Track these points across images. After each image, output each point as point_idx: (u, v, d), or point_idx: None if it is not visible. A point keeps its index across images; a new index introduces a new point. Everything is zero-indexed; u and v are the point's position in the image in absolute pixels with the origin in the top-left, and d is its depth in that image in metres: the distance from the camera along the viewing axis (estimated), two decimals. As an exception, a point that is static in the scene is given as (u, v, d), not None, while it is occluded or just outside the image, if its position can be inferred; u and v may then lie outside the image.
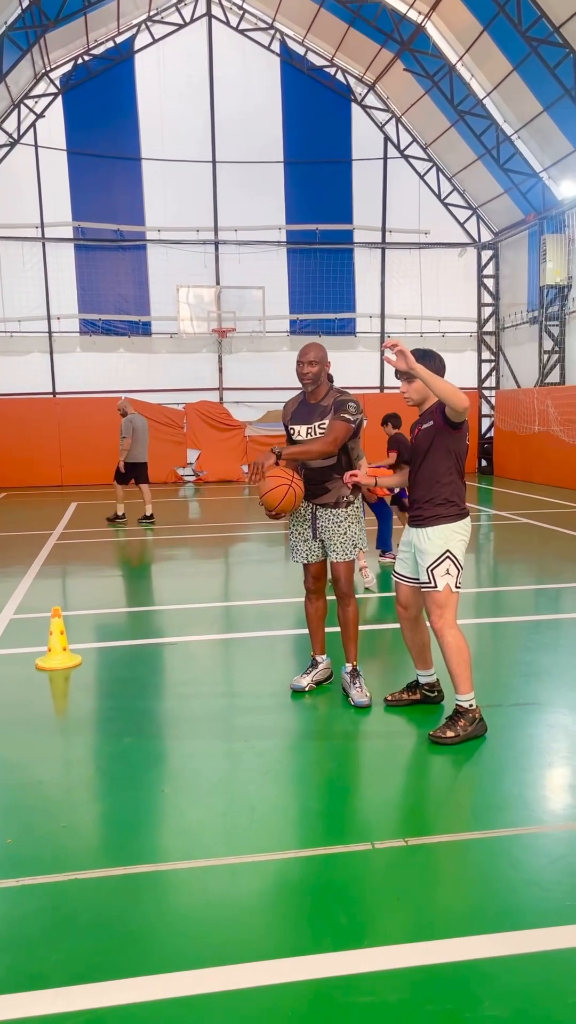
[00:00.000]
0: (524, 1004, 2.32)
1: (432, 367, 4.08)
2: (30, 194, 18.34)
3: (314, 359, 4.57)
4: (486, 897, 2.84)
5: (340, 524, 4.68)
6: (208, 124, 18.95)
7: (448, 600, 4.10)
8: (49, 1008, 2.34)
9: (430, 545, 4.11)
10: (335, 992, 2.38)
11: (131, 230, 18.86)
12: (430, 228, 19.88)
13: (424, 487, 4.18)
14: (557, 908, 2.75)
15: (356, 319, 19.94)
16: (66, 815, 3.51)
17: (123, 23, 18.17)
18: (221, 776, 3.86)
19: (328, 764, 3.97)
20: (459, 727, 4.09)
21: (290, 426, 4.76)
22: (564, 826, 3.31)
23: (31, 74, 17.68)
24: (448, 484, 4.14)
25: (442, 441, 4.11)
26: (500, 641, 6.16)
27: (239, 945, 2.60)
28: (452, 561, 4.10)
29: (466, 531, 4.18)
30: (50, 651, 5.56)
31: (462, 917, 2.75)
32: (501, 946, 2.56)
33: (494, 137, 17.03)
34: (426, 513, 4.16)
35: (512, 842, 3.19)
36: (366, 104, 19.46)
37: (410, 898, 2.87)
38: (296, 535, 4.84)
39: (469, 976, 2.45)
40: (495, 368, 20.65)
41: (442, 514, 4.12)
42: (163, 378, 19.24)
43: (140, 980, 2.44)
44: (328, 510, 4.70)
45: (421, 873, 3.03)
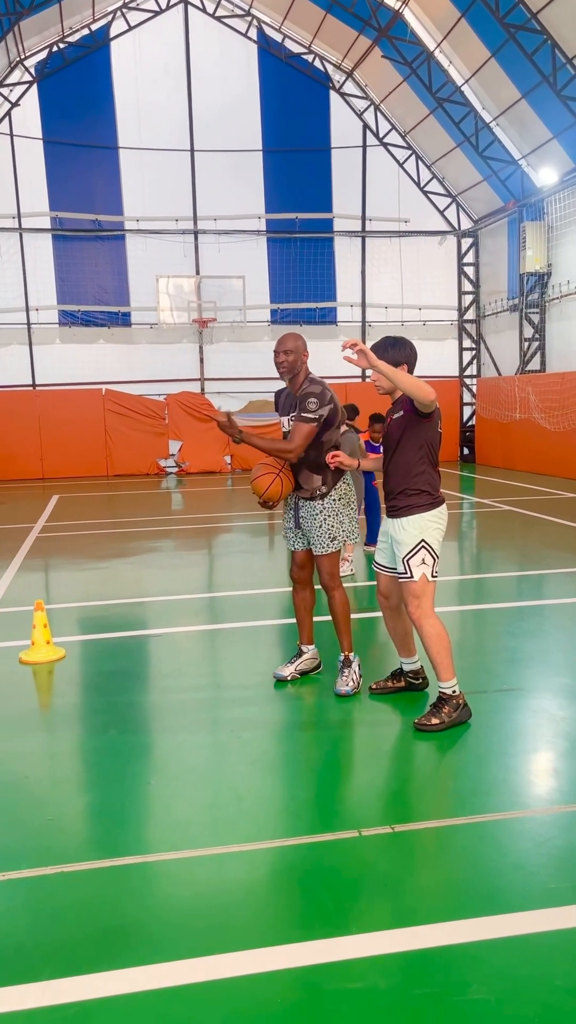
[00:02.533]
0: (511, 987, 2.33)
1: (397, 355, 4.11)
2: (6, 184, 18.15)
3: (290, 348, 4.52)
4: (472, 881, 2.86)
5: (316, 517, 4.64)
6: (186, 112, 18.81)
7: (424, 590, 4.10)
8: (38, 1001, 2.33)
9: (405, 535, 4.11)
10: (323, 979, 2.39)
11: (109, 220, 18.71)
12: (410, 216, 19.86)
13: (397, 477, 4.18)
14: (543, 891, 2.77)
15: (337, 308, 19.91)
16: (52, 808, 3.50)
17: (98, 10, 17.97)
18: (207, 767, 3.86)
19: (314, 753, 3.98)
20: (443, 714, 4.09)
21: (280, 418, 4.78)
22: (549, 810, 3.34)
23: (5, 62, 17.46)
24: (420, 474, 4.14)
25: (412, 430, 4.12)
26: (484, 628, 6.19)
27: (227, 934, 2.60)
28: (427, 550, 4.09)
29: (441, 520, 4.19)
30: (33, 644, 5.54)
31: (449, 902, 2.77)
32: (488, 930, 2.58)
33: (473, 124, 17.02)
34: (400, 503, 4.16)
35: (498, 827, 3.21)
36: (344, 92, 19.38)
37: (397, 884, 2.88)
38: (285, 523, 4.90)
39: (456, 960, 2.46)
40: (476, 356, 20.70)
41: (416, 504, 4.12)
42: (144, 369, 19.14)
43: (128, 971, 2.44)
44: (306, 502, 4.68)
45: (408, 859, 3.05)
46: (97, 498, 15.31)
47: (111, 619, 6.61)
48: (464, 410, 20.57)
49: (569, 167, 15.73)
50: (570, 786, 3.55)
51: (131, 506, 14.06)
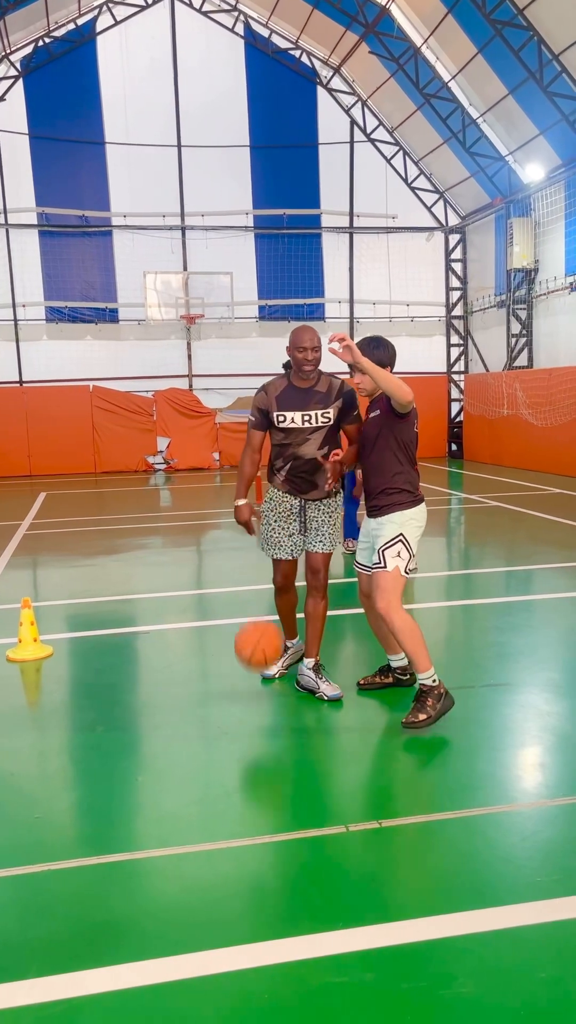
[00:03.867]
0: (497, 980, 2.35)
1: (383, 356, 4.11)
2: (-8, 179, 18.04)
3: (318, 345, 4.37)
4: (459, 875, 2.87)
5: (331, 514, 4.57)
6: (172, 108, 18.74)
7: (395, 584, 4.07)
8: (26, 998, 2.33)
9: (385, 529, 4.13)
10: (312, 974, 2.40)
11: (96, 216, 18.63)
12: (397, 212, 19.86)
13: (376, 477, 4.18)
14: (529, 884, 2.79)
15: (325, 304, 19.90)
16: (40, 806, 3.49)
17: (84, 4, 17.87)
18: (195, 763, 3.86)
19: (301, 749, 3.99)
20: (428, 707, 4.05)
21: (278, 413, 4.43)
22: (535, 803, 3.36)
23: (-9, 56, 17.34)
24: (399, 473, 4.14)
25: (389, 430, 4.11)
26: (472, 623, 6.21)
27: (216, 930, 2.61)
28: (404, 545, 4.10)
29: (421, 517, 4.20)
30: (21, 642, 5.52)
31: (436, 896, 2.79)
32: (474, 923, 2.59)
33: (460, 120, 17.04)
34: (381, 502, 4.17)
35: (485, 821, 3.23)
36: (332, 87, 19.35)
37: (384, 879, 2.90)
38: (279, 530, 4.60)
39: (443, 954, 2.48)
40: (464, 352, 20.74)
41: (397, 502, 4.14)
42: (131, 365, 19.08)
43: (117, 968, 2.44)
44: (319, 502, 4.56)
45: (395, 854, 3.06)
46: (85, 495, 15.27)
47: (99, 616, 6.60)
48: (452, 406, 20.61)
49: (556, 163, 15.77)
50: (557, 780, 3.58)
51: (119, 503, 14.03)
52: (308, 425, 4.42)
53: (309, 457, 4.45)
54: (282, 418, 4.43)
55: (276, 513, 4.60)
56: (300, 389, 4.43)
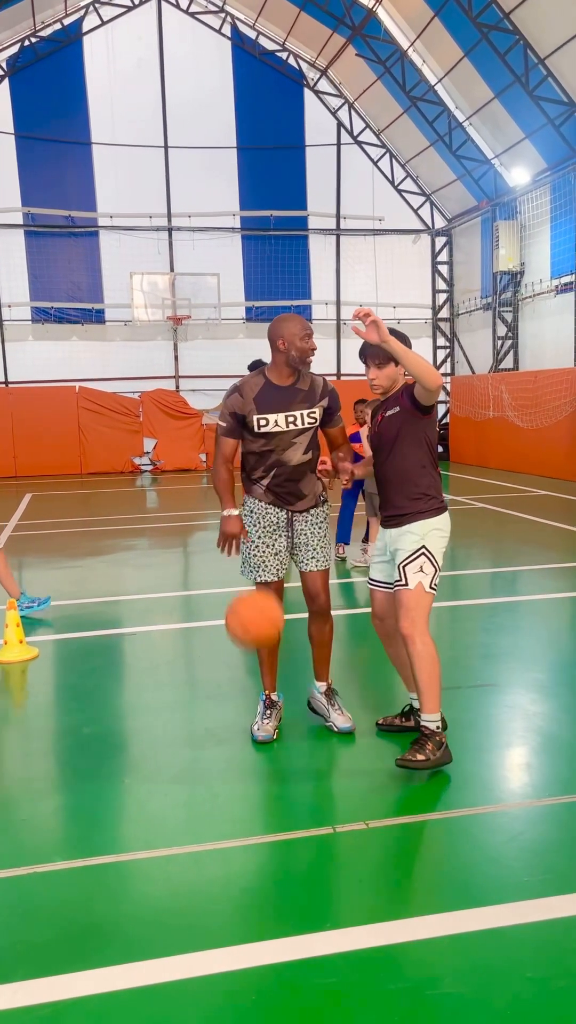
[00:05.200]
0: (485, 979, 2.35)
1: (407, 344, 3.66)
2: (-23, 179, 17.95)
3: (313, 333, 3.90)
4: (447, 876, 2.88)
5: (320, 526, 4.04)
6: (159, 108, 18.71)
7: (419, 602, 3.64)
8: (10, 1002, 2.31)
9: (405, 542, 3.68)
10: (299, 975, 2.40)
11: (82, 216, 18.57)
12: (384, 215, 19.91)
13: (396, 483, 3.72)
14: (516, 884, 2.79)
15: (312, 306, 19.91)
16: (25, 808, 3.47)
17: (70, 4, 17.82)
18: (182, 765, 3.85)
19: (288, 750, 3.98)
20: (428, 750, 3.56)
21: (259, 416, 3.85)
22: (522, 804, 3.37)
23: (-24, 56, 17.26)
24: (422, 476, 3.70)
25: (411, 428, 3.66)
26: (458, 624, 6.23)
27: (202, 932, 2.60)
28: (428, 558, 3.66)
29: (446, 526, 3.78)
30: (6, 644, 5.49)
31: (423, 896, 2.79)
32: (461, 923, 2.60)
33: (446, 123, 17.10)
34: (401, 511, 3.71)
35: (471, 821, 3.23)
36: (319, 89, 19.38)
37: (372, 880, 2.90)
38: (263, 547, 4.00)
39: (430, 954, 2.48)
40: (450, 354, 20.81)
41: (420, 509, 3.68)
42: (118, 366, 19.03)
43: (103, 971, 2.42)
44: (306, 513, 4.02)
45: (382, 855, 3.06)
46: (71, 496, 15.21)
47: (85, 618, 6.57)
48: (439, 408, 20.64)
49: (541, 167, 15.86)
50: (543, 780, 3.59)
51: (105, 504, 13.98)
52: (293, 428, 3.87)
53: (295, 464, 3.91)
54: (264, 421, 3.85)
55: (260, 528, 3.99)
56: (281, 388, 3.88)
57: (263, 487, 3.96)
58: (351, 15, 16.29)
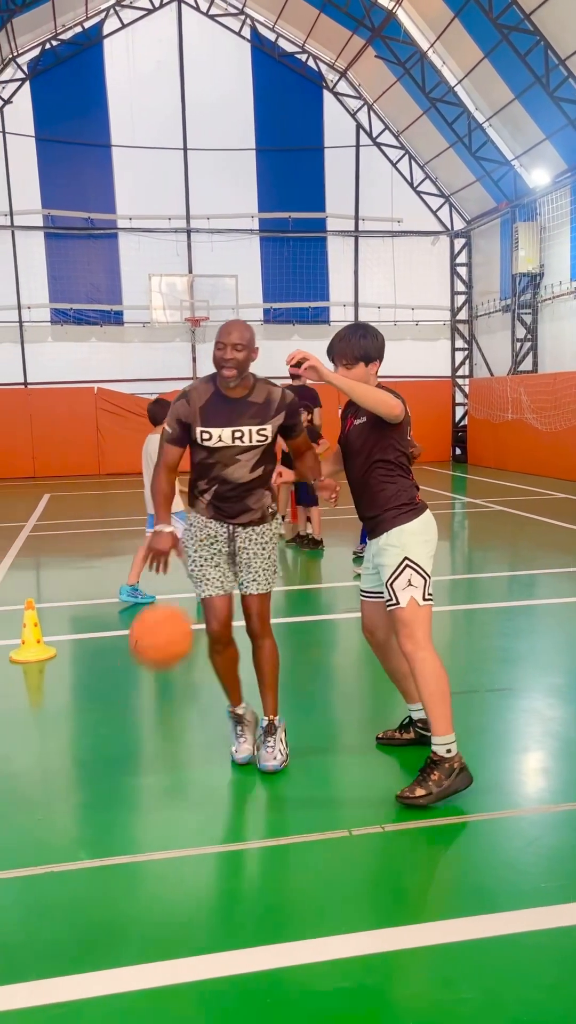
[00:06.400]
0: (499, 986, 2.33)
1: (369, 347, 3.47)
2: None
3: (239, 341, 3.44)
4: (463, 881, 2.86)
5: (265, 545, 3.70)
6: (179, 111, 18.77)
7: (415, 617, 3.40)
8: (25, 1001, 2.32)
9: (386, 556, 3.46)
10: (314, 978, 2.39)
11: (102, 218, 18.65)
12: (403, 216, 19.87)
13: (366, 495, 3.54)
14: (533, 890, 2.77)
15: (330, 308, 19.90)
16: (42, 808, 3.48)
17: (91, 7, 17.91)
18: (198, 766, 3.85)
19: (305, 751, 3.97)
20: (431, 782, 3.32)
21: (202, 429, 3.53)
22: (539, 809, 3.34)
23: (-2, 59, 17.39)
24: (392, 483, 3.48)
25: (378, 438, 3.45)
26: (475, 627, 6.20)
27: (218, 933, 2.60)
28: (414, 569, 3.42)
29: (427, 529, 3.52)
30: (24, 643, 5.51)
31: (439, 901, 2.77)
32: (477, 929, 2.58)
33: (466, 125, 17.04)
34: (374, 515, 3.53)
35: (488, 826, 3.21)
36: (338, 91, 19.37)
37: (387, 884, 2.89)
38: (201, 561, 3.71)
39: (445, 959, 2.46)
40: (468, 356, 20.72)
41: (392, 517, 3.47)
42: (136, 368, 19.10)
43: (117, 971, 2.43)
44: (250, 529, 3.69)
45: (398, 859, 3.05)
46: (89, 497, 15.28)
47: (102, 618, 6.59)
48: (456, 410, 20.59)
49: (561, 168, 15.77)
50: (560, 785, 3.56)
51: (123, 505, 14.02)
52: (238, 444, 3.54)
53: (239, 481, 3.60)
54: (206, 435, 3.53)
55: (198, 541, 3.72)
56: (229, 399, 3.55)
57: (205, 501, 3.68)
58: (371, 17, 16.27)
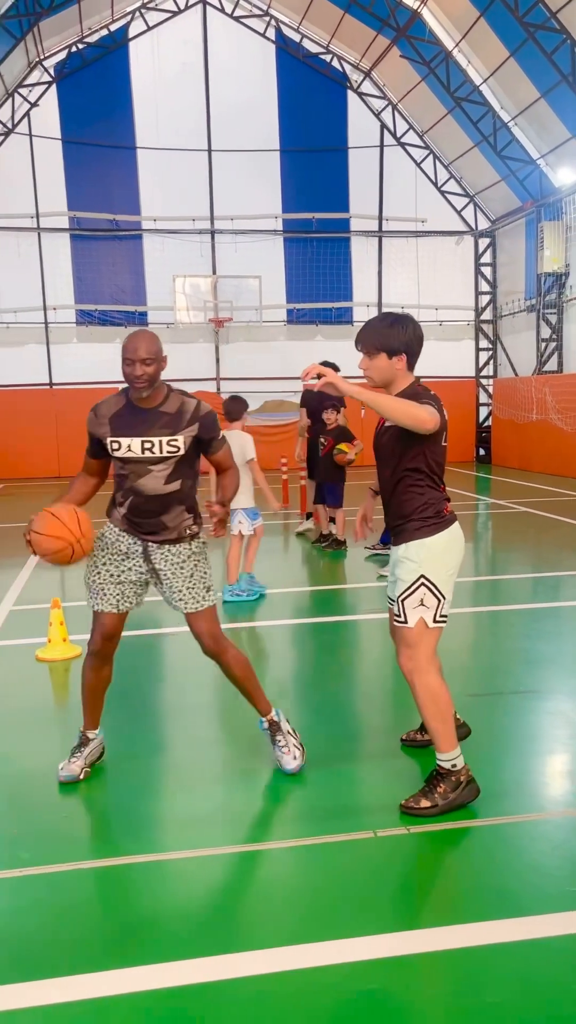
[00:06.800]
0: (526, 990, 2.32)
1: (400, 340, 3.26)
2: (25, 184, 18.24)
3: (147, 356, 3.35)
4: (488, 884, 2.84)
5: (183, 565, 3.59)
6: (203, 112, 18.84)
7: (421, 639, 3.27)
8: (52, 998, 2.34)
9: (402, 569, 3.30)
10: (337, 979, 2.39)
11: (127, 219, 18.77)
12: (427, 216, 19.81)
13: (393, 500, 3.37)
14: (559, 894, 2.76)
15: (353, 308, 19.88)
16: (67, 805, 3.51)
17: (117, 10, 18.03)
18: (222, 766, 3.87)
19: (329, 753, 3.97)
20: (437, 794, 3.29)
21: (112, 439, 3.49)
22: (565, 812, 3.32)
23: (25, 63, 17.54)
24: (419, 494, 3.29)
25: (409, 446, 3.24)
26: (499, 629, 6.16)
27: (241, 933, 2.61)
28: (428, 589, 3.24)
29: (449, 547, 3.31)
30: (50, 642, 5.56)
31: (464, 904, 2.76)
32: (503, 932, 2.57)
33: (491, 124, 16.95)
34: (398, 529, 3.37)
35: (513, 829, 3.19)
36: (362, 91, 19.35)
37: (412, 885, 2.88)
38: (104, 573, 3.66)
39: (471, 962, 2.45)
40: (493, 356, 20.62)
41: (414, 528, 3.28)
42: (160, 368, 19.17)
43: (142, 969, 2.44)
44: (166, 548, 3.59)
45: (423, 860, 3.04)
46: (113, 497, 15.35)
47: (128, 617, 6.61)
48: (480, 410, 20.49)
49: (588, 167, 15.64)
50: (586, 789, 3.53)
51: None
52: (149, 454, 3.47)
53: (152, 494, 3.53)
54: (116, 445, 3.49)
55: (107, 553, 3.66)
56: (141, 410, 3.48)
57: (120, 513, 3.66)
58: (396, 16, 16.23)
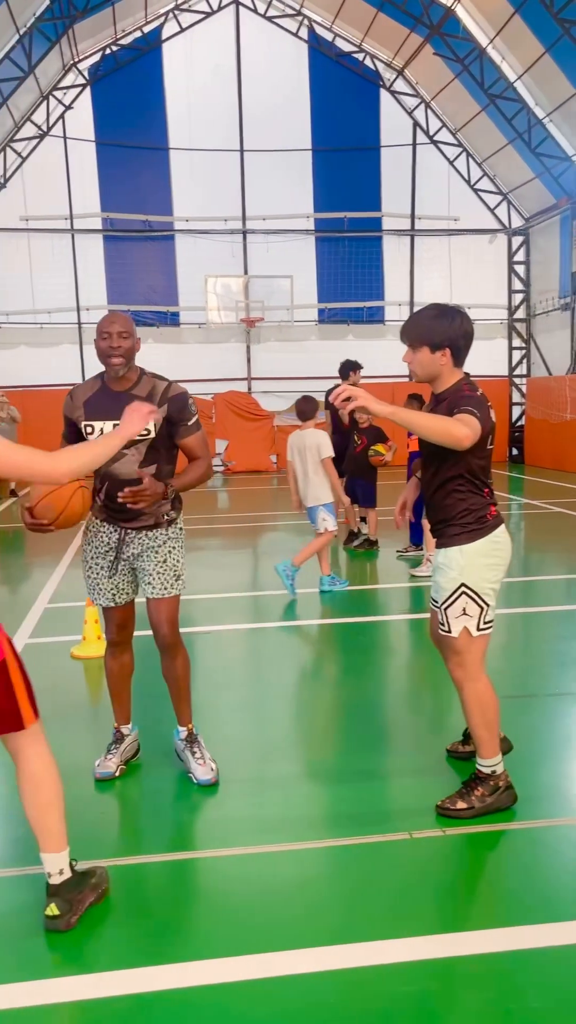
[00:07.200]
0: (568, 995, 2.30)
1: (444, 333, 3.20)
2: (59, 186, 18.40)
3: (123, 329, 3.41)
4: (526, 888, 2.82)
5: (158, 550, 3.59)
6: (236, 112, 18.88)
7: (468, 647, 3.23)
8: (92, 993, 2.36)
9: (442, 576, 3.24)
10: (375, 981, 2.38)
11: (159, 220, 18.87)
12: (460, 214, 19.66)
13: (434, 500, 3.29)
14: (598, 900, 2.72)
15: (385, 307, 19.80)
16: (104, 802, 3.54)
17: (150, 12, 18.13)
18: (255, 765, 3.87)
19: (363, 753, 3.97)
20: (474, 797, 3.27)
21: (85, 423, 3.51)
22: (603, 817, 3.28)
23: (59, 65, 17.71)
24: (461, 501, 3.20)
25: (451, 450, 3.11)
26: (534, 631, 6.11)
27: (278, 932, 2.61)
28: (470, 597, 3.18)
29: (493, 553, 3.21)
30: (84, 640, 5.61)
31: (501, 907, 2.74)
32: (544, 937, 2.54)
33: (525, 121, 16.79)
34: (438, 530, 3.30)
35: (550, 833, 3.16)
36: (395, 90, 19.27)
37: (449, 888, 2.86)
38: (97, 568, 3.68)
39: (511, 967, 2.43)
40: (526, 355, 20.43)
41: (452, 533, 3.21)
42: (192, 368, 19.23)
43: (182, 966, 2.46)
44: (142, 533, 3.60)
45: (460, 863, 3.03)
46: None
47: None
48: (513, 410, 20.31)
49: (624, 163, 15.44)
50: (625, 794, 3.49)
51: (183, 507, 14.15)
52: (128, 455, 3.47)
53: (126, 478, 3.47)
54: (89, 429, 3.49)
55: (93, 548, 3.68)
56: (113, 393, 3.50)
57: (99, 502, 3.61)
58: (429, 14, 16.14)
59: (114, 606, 3.71)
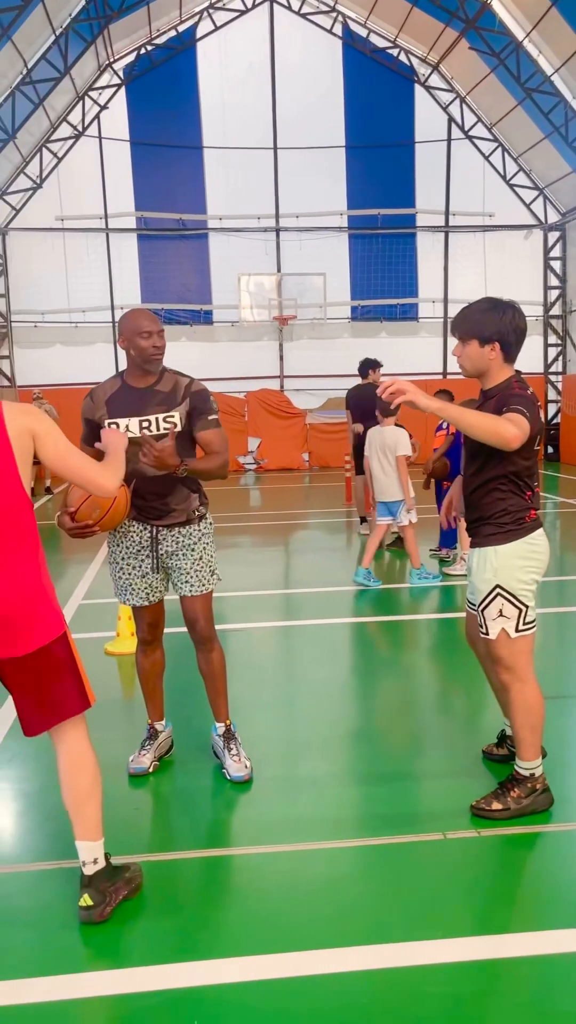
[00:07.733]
0: (603, 1002, 2.26)
1: (493, 327, 3.16)
2: (94, 185, 18.54)
3: (161, 329, 3.50)
4: (561, 891, 2.79)
5: (194, 547, 3.61)
6: (270, 110, 18.87)
7: (511, 649, 3.18)
8: (124, 987, 2.38)
9: (478, 577, 3.21)
10: (408, 981, 2.37)
11: (193, 219, 18.93)
12: (495, 210, 19.47)
13: (474, 498, 3.23)
14: None
15: (419, 304, 19.67)
16: (137, 798, 3.56)
17: (185, 11, 18.19)
18: (287, 763, 3.87)
19: (397, 754, 3.95)
20: (510, 798, 3.23)
21: (109, 421, 3.45)
22: None
23: (95, 66, 17.84)
24: (501, 501, 3.15)
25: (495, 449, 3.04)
26: (567, 631, 6.03)
27: (311, 931, 2.60)
28: (506, 599, 3.14)
29: (530, 554, 3.16)
30: (118, 636, 5.65)
31: (537, 910, 2.71)
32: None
33: (563, 114, 16.57)
34: (474, 528, 3.26)
35: (587, 836, 3.12)
36: (430, 85, 19.12)
37: (483, 889, 2.84)
38: (128, 569, 3.68)
39: (545, 970, 2.41)
40: (562, 352, 20.18)
41: (487, 532, 3.17)
42: (225, 366, 19.30)
43: (214, 963, 2.46)
44: (175, 530, 3.60)
45: (494, 864, 2.99)
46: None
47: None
48: (549, 407, 20.08)
49: None
50: None
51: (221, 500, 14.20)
52: (147, 433, 3.42)
53: (155, 475, 3.42)
54: (114, 426, 3.43)
55: (123, 548, 3.68)
56: (136, 390, 3.51)
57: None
58: (465, 8, 15.98)
59: (147, 605, 3.73)
